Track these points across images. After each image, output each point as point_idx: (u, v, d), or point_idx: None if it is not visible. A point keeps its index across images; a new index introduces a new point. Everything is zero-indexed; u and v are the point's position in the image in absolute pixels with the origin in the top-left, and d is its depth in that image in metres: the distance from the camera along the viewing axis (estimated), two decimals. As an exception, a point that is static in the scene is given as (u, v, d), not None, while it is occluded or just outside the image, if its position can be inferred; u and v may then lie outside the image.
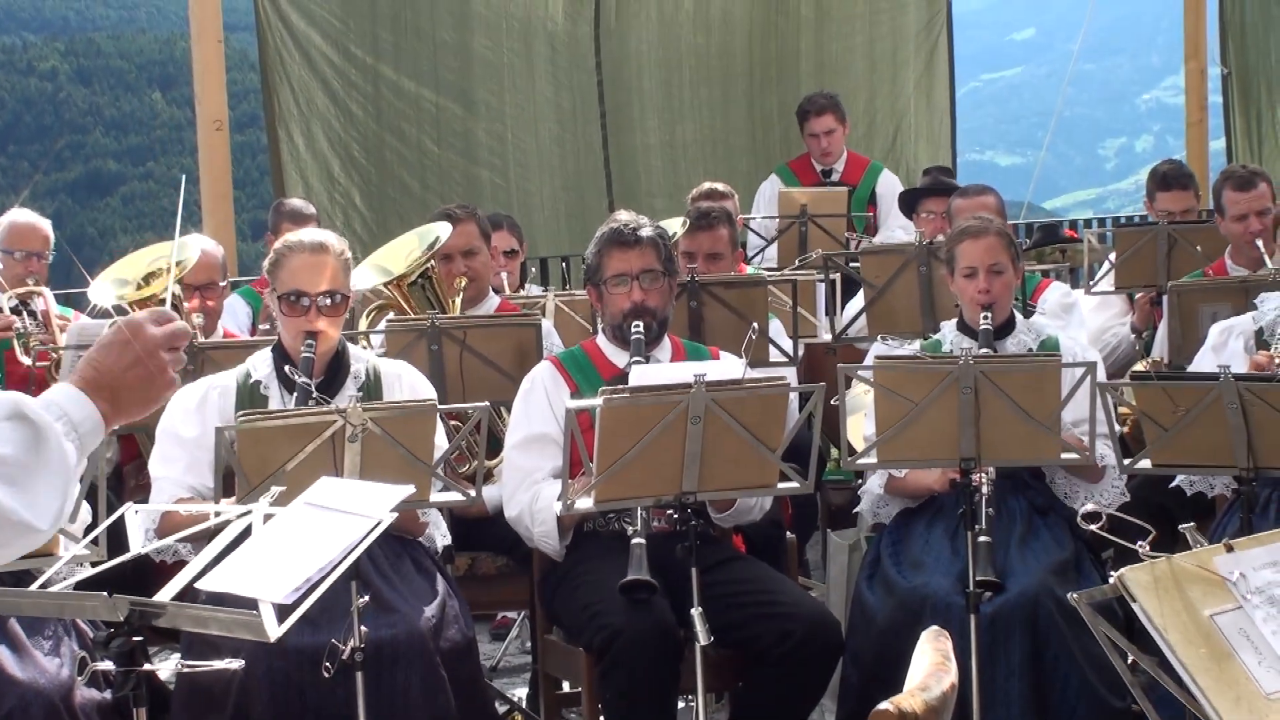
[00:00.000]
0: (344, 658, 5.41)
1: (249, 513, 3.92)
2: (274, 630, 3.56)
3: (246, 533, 3.90)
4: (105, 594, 3.78)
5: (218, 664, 4.18)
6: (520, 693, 7.85)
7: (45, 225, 8.82)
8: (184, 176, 4.51)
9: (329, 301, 6.19)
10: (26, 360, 8.17)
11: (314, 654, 5.46)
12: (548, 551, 6.41)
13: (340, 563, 3.73)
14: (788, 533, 7.14)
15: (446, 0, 13.09)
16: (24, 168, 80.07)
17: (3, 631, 5.49)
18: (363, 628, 5.43)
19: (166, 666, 4.32)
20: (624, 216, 6.67)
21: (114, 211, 72.36)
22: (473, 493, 5.82)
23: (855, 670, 6.39)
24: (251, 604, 3.68)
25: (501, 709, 7.20)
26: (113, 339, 3.07)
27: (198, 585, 3.80)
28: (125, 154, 73.10)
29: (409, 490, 4.11)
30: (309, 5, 12.53)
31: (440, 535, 6.30)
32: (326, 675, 5.41)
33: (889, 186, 11.44)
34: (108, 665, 3.77)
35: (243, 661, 4.49)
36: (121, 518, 4.27)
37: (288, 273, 6.23)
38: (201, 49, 11.49)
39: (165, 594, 3.73)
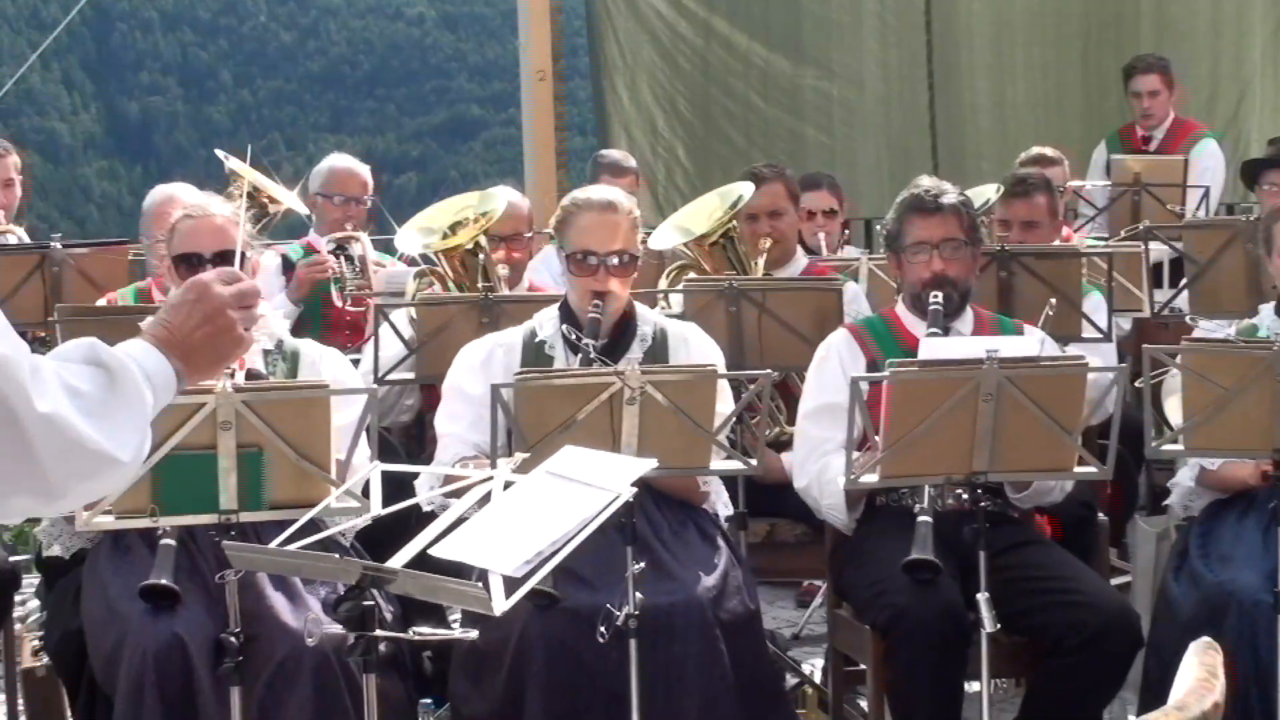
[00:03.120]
0: (618, 624, 5.28)
1: (490, 479, 3.81)
2: (500, 604, 3.46)
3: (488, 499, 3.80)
4: (337, 556, 3.72)
5: (452, 634, 4.10)
6: (819, 663, 7.69)
7: (364, 171, 8.90)
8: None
9: (618, 261, 6.07)
10: (343, 304, 8.24)
11: (591, 617, 5.34)
12: (836, 525, 6.23)
13: (575, 537, 3.60)
14: (1100, 515, 6.85)
15: (779, -47, 12.92)
16: (390, 111, 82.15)
17: (280, 579, 5.48)
18: (638, 594, 5.29)
19: (397, 635, 4.25)
20: (926, 182, 6.43)
21: (476, 156, 73.74)
22: (754, 462, 5.67)
23: (1157, 664, 6.07)
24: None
25: (793, 681, 7.05)
26: (181, 298, 3.07)
27: (434, 552, 3.70)
28: (488, 100, 74.35)
29: (651, 464, 3.96)
30: (640, -42, 12.50)
31: (722, 505, 6.16)
32: (601, 640, 5.29)
33: (1210, 160, 10.94)
34: (335, 628, 3.70)
35: (476, 632, 4.41)
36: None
37: (576, 231, 6.12)
38: (528, -1, 11.52)
39: (398, 560, 3.64)
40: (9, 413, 2.60)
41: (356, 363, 7.31)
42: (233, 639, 5.09)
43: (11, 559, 6.84)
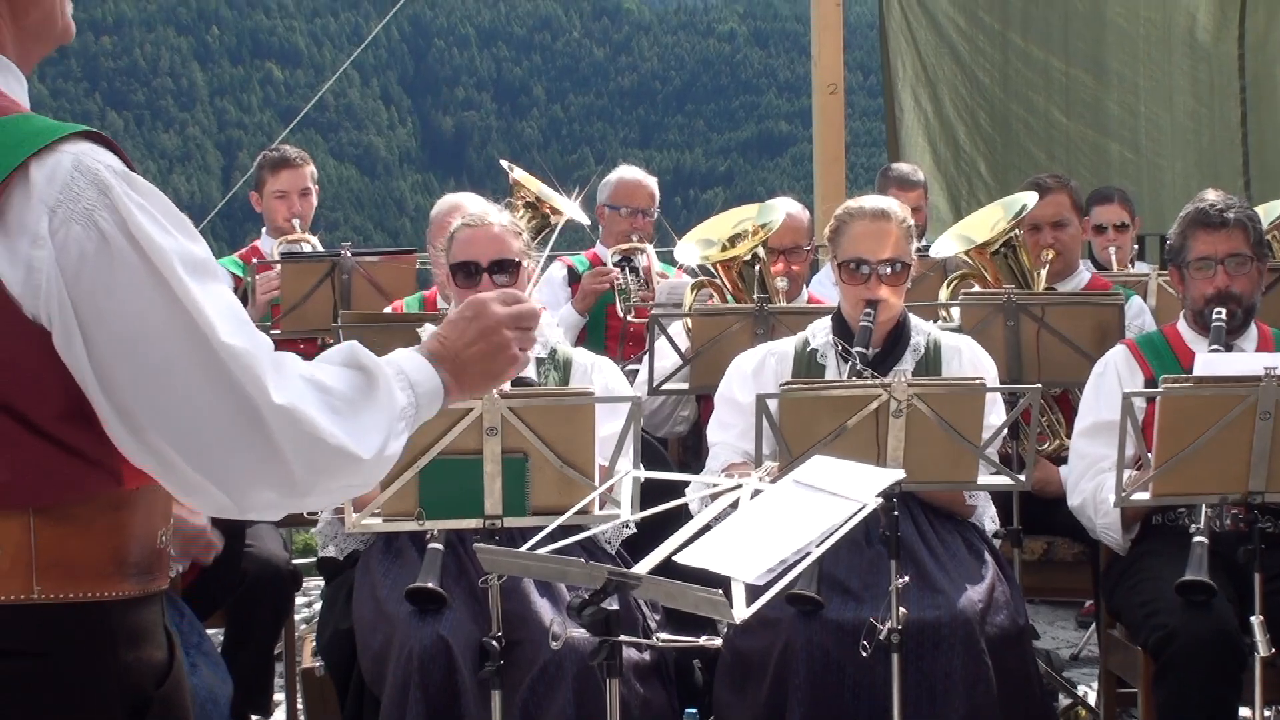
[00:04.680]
0: (881, 637, 5.24)
1: (738, 487, 3.81)
2: (741, 613, 3.45)
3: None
4: (583, 560, 3.74)
5: (695, 641, 4.09)
6: (1097, 685, 7.55)
7: (651, 182, 8.95)
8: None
9: (890, 270, 6.03)
10: (624, 316, 8.29)
11: (854, 630, 5.31)
12: (1110, 544, 6.12)
13: (819, 545, 3.58)
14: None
15: (1081, -35, 12.66)
16: (699, 126, 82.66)
17: (545, 585, 5.53)
18: (902, 609, 5.25)
19: (640, 641, 4.25)
20: (1211, 196, 6.27)
21: (783, 172, 73.92)
22: (1023, 477, 5.58)
23: None
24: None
25: (1065, 701, 6.95)
26: (459, 315, 3.10)
27: (679, 559, 3.70)
28: (796, 115, 74.46)
29: (899, 474, 3.93)
30: (935, -32, 12.37)
31: (989, 519, 6.08)
32: (864, 654, 5.25)
33: None
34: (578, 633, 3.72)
35: (719, 641, 4.40)
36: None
37: (849, 240, 6.10)
38: (820, 11, 11.49)
39: (644, 566, 3.66)
40: (250, 406, 2.66)
41: (635, 373, 7.37)
42: (494, 643, 5.13)
43: (295, 561, 7.01)
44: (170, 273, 2.62)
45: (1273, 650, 5.32)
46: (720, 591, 3.47)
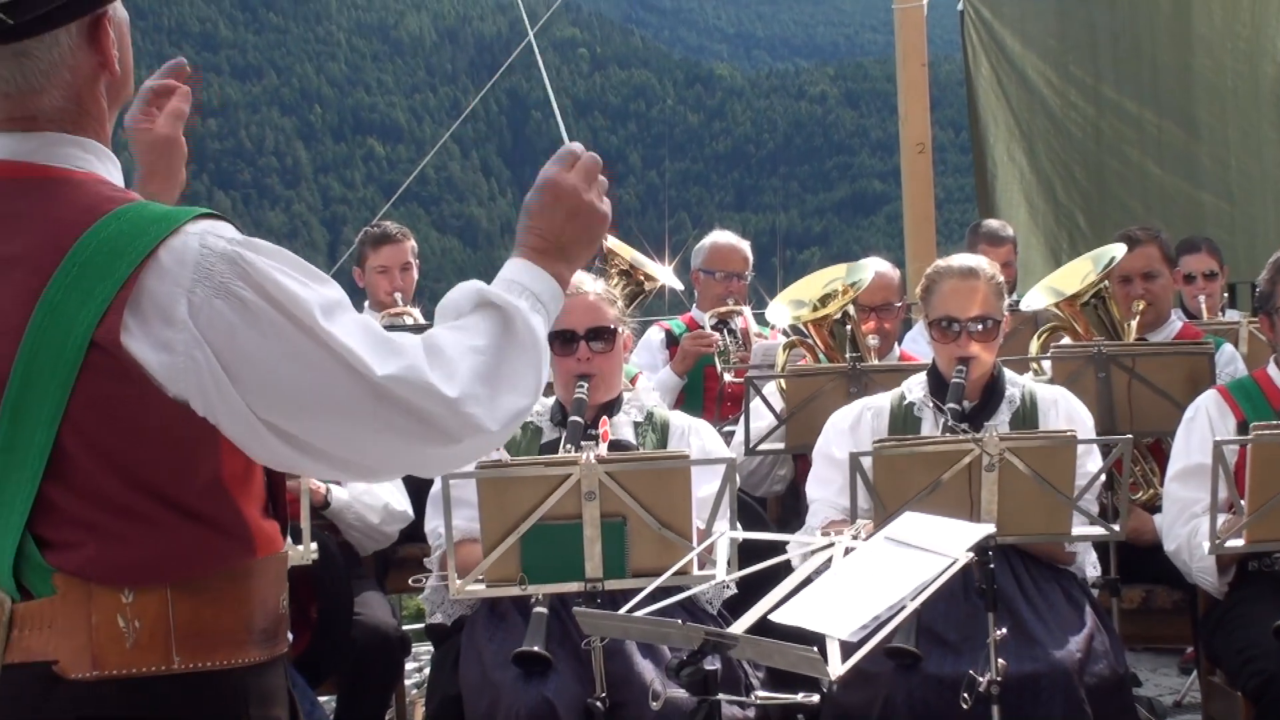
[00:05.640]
0: (981, 690, 5.28)
1: (830, 545, 3.89)
2: (836, 669, 3.51)
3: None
4: (679, 622, 3.81)
5: (793, 698, 4.16)
6: (1204, 733, 7.54)
7: (744, 246, 9.06)
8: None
9: (980, 327, 6.10)
10: (726, 377, 8.37)
11: (954, 682, 5.35)
12: (1207, 588, 6.14)
13: (911, 601, 3.65)
14: None
15: (1167, 20, 12.63)
16: (794, 188, 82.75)
17: (649, 646, 5.60)
18: (1000, 660, 5.29)
19: (740, 699, 4.31)
20: (1303, 242, 6.32)
21: (879, 230, 73.90)
22: (1116, 527, 5.62)
23: None
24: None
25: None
26: (540, 205, 3.13)
27: (774, 618, 3.77)
28: (890, 174, 74.47)
29: (990, 529, 3.99)
30: (1024, 26, 12.37)
31: (1090, 565, 6.11)
32: (964, 707, 5.29)
33: None
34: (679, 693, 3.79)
35: (817, 696, 4.45)
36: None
37: (939, 298, 6.18)
38: (906, 72, 11.57)
39: (739, 626, 3.73)
40: (425, 421, 2.79)
41: (733, 434, 7.45)
42: (598, 704, 5.22)
43: (406, 627, 7.10)
44: (314, 323, 2.71)
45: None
46: (815, 649, 3.54)
